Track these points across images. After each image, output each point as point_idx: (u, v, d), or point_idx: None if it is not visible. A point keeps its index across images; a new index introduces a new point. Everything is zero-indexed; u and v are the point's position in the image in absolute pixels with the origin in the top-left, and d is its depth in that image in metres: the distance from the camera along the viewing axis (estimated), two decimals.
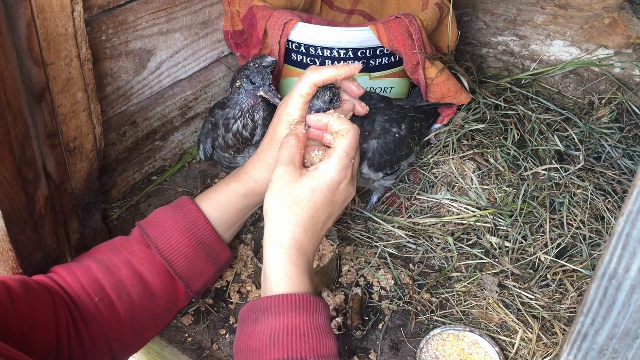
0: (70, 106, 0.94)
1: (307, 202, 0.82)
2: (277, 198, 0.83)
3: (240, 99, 1.06)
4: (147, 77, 1.18)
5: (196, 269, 0.95)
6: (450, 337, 0.97)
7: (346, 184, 0.85)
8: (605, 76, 1.40)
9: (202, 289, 0.99)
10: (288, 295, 0.77)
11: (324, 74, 0.88)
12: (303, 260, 0.81)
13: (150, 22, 1.13)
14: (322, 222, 0.84)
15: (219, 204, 0.99)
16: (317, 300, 0.79)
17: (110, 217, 1.19)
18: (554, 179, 1.19)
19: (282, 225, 0.82)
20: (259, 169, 0.98)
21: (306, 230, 0.82)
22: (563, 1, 1.38)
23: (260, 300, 0.78)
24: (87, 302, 0.86)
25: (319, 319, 0.78)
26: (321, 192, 0.83)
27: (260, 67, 1.04)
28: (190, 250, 0.94)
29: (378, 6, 1.46)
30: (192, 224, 0.95)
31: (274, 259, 0.80)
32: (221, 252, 0.99)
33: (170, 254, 0.93)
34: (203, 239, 0.96)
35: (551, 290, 1.04)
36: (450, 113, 1.30)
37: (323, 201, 0.83)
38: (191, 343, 0.98)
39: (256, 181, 0.98)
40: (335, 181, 0.84)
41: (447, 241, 1.12)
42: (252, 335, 0.77)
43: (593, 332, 0.50)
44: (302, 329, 0.75)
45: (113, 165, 1.18)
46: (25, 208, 0.88)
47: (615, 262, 0.46)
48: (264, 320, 0.77)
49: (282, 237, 0.81)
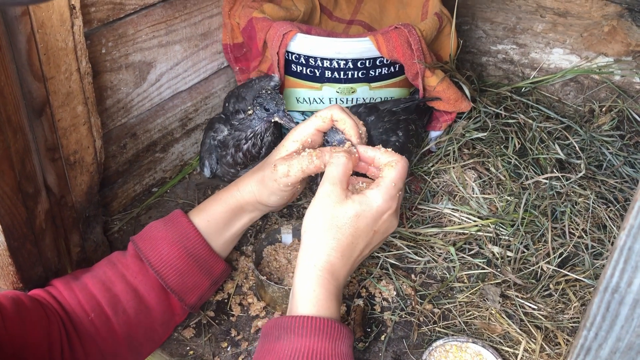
0: (71, 120, 0.94)
1: (349, 227, 0.81)
2: (319, 218, 0.82)
3: (253, 124, 1.07)
4: (147, 89, 1.18)
5: (189, 282, 0.94)
6: (453, 348, 0.96)
7: (390, 215, 0.84)
8: (605, 84, 1.40)
9: (197, 303, 0.98)
10: (313, 318, 0.76)
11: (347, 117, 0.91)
12: (334, 285, 0.80)
13: (150, 35, 1.13)
14: (360, 250, 0.83)
15: (208, 214, 0.97)
16: (342, 327, 0.78)
17: (111, 230, 1.19)
18: (555, 187, 1.19)
19: (319, 247, 0.81)
20: (248, 186, 0.97)
21: (343, 256, 0.81)
22: (562, 9, 1.38)
23: (284, 319, 0.78)
24: (84, 318, 0.85)
25: (342, 347, 0.77)
26: (365, 219, 0.82)
27: (273, 93, 1.04)
28: (182, 263, 0.93)
29: (377, 16, 1.46)
30: (183, 236, 0.94)
31: (305, 279, 0.80)
32: (214, 264, 0.97)
33: (162, 267, 0.92)
34: (194, 252, 0.94)
35: (554, 300, 1.04)
36: (448, 119, 1.30)
37: (365, 229, 0.82)
38: (193, 356, 0.98)
39: (243, 197, 0.97)
40: (380, 210, 0.83)
41: (449, 251, 1.12)
42: (273, 352, 0.76)
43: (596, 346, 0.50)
44: (324, 354, 0.74)
45: (113, 177, 1.18)
46: (26, 222, 0.88)
47: (618, 276, 0.46)
48: (286, 339, 0.76)
49: (317, 259, 0.80)
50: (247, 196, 0.97)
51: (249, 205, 0.98)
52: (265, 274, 1.05)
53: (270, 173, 0.93)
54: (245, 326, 1.02)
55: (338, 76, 1.18)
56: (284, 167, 0.91)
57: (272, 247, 1.11)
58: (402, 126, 1.14)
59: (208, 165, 1.14)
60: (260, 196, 0.96)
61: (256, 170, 0.98)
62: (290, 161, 0.91)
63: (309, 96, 1.22)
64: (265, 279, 1.00)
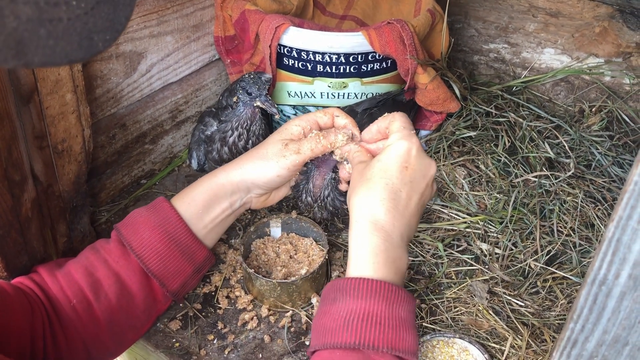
0: (59, 108, 0.93)
1: (379, 172, 0.82)
2: (354, 188, 0.84)
3: (237, 110, 1.06)
4: (137, 79, 1.17)
5: (171, 268, 0.93)
6: (440, 343, 0.96)
7: (418, 151, 0.84)
8: (595, 84, 1.40)
9: (180, 291, 0.96)
10: (367, 280, 0.75)
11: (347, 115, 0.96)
12: (386, 242, 0.78)
13: (142, 25, 1.12)
14: (404, 192, 0.82)
15: (189, 197, 0.96)
16: (399, 290, 0.76)
17: (99, 221, 1.17)
18: (544, 186, 1.19)
19: (359, 206, 0.81)
20: (241, 167, 0.96)
21: (382, 201, 0.80)
22: (554, 10, 1.39)
23: (340, 281, 0.77)
24: (66, 305, 0.84)
25: (400, 311, 0.75)
26: (390, 160, 0.83)
27: (256, 78, 1.04)
28: (163, 247, 0.92)
29: (370, 12, 1.46)
30: (164, 220, 0.93)
31: (354, 239, 0.80)
32: (197, 250, 0.96)
33: (143, 251, 0.91)
34: (176, 236, 0.93)
35: (541, 298, 1.04)
36: (438, 119, 1.30)
37: (395, 168, 0.82)
38: (179, 349, 0.97)
39: (229, 178, 0.96)
40: (403, 148, 0.83)
41: (437, 247, 1.12)
42: (328, 314, 0.76)
43: (583, 338, 0.50)
44: (379, 317, 0.73)
45: (102, 168, 1.17)
46: (12, 210, 0.87)
47: (606, 268, 0.46)
48: (341, 301, 0.75)
49: (360, 216, 0.80)
50: (230, 175, 0.96)
51: (230, 186, 0.96)
52: (254, 267, 1.05)
53: (279, 150, 0.94)
54: (232, 319, 1.02)
55: (330, 70, 1.18)
56: (294, 145, 0.94)
57: (260, 240, 1.10)
58: None
59: (195, 157, 1.14)
60: (253, 172, 0.95)
61: (256, 149, 0.98)
62: (299, 142, 0.94)
63: (300, 90, 1.22)
64: (253, 272, 1.00)
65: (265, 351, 0.97)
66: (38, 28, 0.38)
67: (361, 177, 0.84)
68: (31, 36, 0.38)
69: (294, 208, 1.19)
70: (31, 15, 0.38)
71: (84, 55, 0.41)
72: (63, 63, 0.40)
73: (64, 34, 0.39)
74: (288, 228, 1.12)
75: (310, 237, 1.11)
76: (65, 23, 0.39)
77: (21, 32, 0.38)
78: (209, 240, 0.99)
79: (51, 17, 0.38)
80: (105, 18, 0.41)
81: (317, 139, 0.93)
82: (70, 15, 0.39)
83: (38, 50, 0.39)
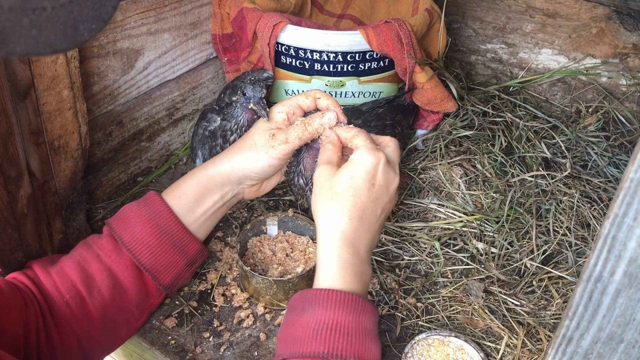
0: (56, 104, 0.93)
1: (347, 189, 0.83)
2: (319, 195, 0.85)
3: (236, 112, 1.06)
4: (134, 77, 1.17)
5: (163, 261, 0.93)
6: (436, 342, 0.96)
7: (384, 165, 0.86)
8: (592, 85, 1.41)
9: (173, 284, 0.96)
10: (338, 292, 0.76)
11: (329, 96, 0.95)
12: (352, 255, 0.81)
13: (139, 22, 1.12)
14: (370, 209, 0.84)
15: (179, 190, 0.96)
16: (365, 302, 0.78)
17: (95, 218, 1.17)
18: (540, 186, 1.19)
19: (327, 219, 0.82)
20: (230, 160, 0.96)
21: (353, 220, 0.82)
22: (552, 10, 1.39)
23: (309, 291, 0.79)
24: (59, 300, 0.84)
25: (366, 322, 0.77)
26: (359, 177, 0.84)
27: (254, 80, 1.04)
28: (155, 241, 0.92)
29: (368, 11, 1.46)
30: (155, 213, 0.93)
31: (322, 252, 0.81)
32: (189, 243, 0.96)
33: (134, 244, 0.91)
34: (167, 229, 0.93)
35: (537, 297, 1.04)
36: (435, 119, 1.31)
37: (363, 185, 0.83)
38: (174, 346, 0.97)
39: (218, 170, 0.96)
40: (369, 162, 0.85)
41: (433, 246, 1.12)
42: (297, 325, 0.77)
43: (578, 335, 0.50)
44: (347, 328, 0.75)
45: (98, 165, 1.17)
46: (7, 206, 0.87)
47: (601, 266, 0.46)
48: (310, 311, 0.76)
49: (328, 230, 0.81)
50: (220, 168, 0.96)
51: (220, 178, 0.96)
52: (250, 265, 1.05)
53: (266, 141, 0.94)
54: (228, 317, 1.02)
55: (327, 69, 1.18)
56: (282, 135, 0.94)
57: (257, 238, 1.10)
58: (389, 131, 1.14)
59: (201, 155, 1.13)
60: (243, 164, 0.95)
61: (244, 140, 0.97)
62: (286, 130, 0.94)
63: (297, 88, 1.22)
64: (249, 269, 1.00)
65: (261, 349, 0.97)
66: (21, 17, 0.37)
67: (329, 187, 0.85)
68: (13, 25, 0.37)
69: (290, 206, 1.19)
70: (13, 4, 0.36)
71: (69, 45, 0.40)
72: (47, 53, 0.39)
73: (47, 23, 0.38)
74: (284, 226, 1.12)
75: (307, 236, 1.11)
76: (49, 12, 0.38)
77: (3, 22, 0.36)
78: (201, 233, 0.99)
79: (34, 5, 0.37)
80: (90, 7, 0.40)
81: (303, 126, 0.93)
82: (54, 4, 0.38)
83: (20, 40, 0.37)
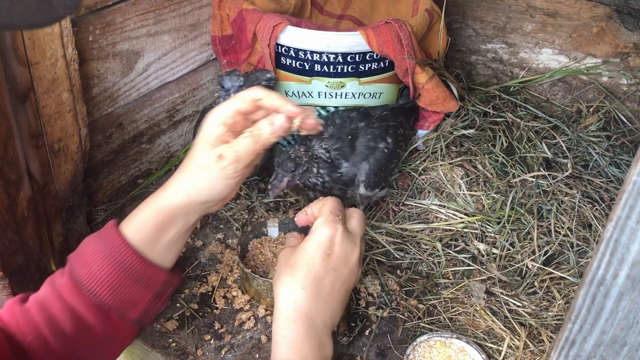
0: (56, 107, 0.93)
1: (301, 259, 0.82)
2: (277, 271, 0.85)
3: None
4: (134, 79, 1.17)
5: (125, 297, 0.87)
6: (437, 344, 0.96)
7: (341, 236, 0.84)
8: (593, 85, 1.40)
9: (144, 318, 0.91)
10: None
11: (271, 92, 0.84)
12: (308, 327, 0.79)
13: (139, 24, 1.12)
14: (327, 279, 0.82)
15: (136, 224, 0.88)
16: None
17: (95, 221, 1.17)
18: (541, 186, 1.19)
19: (282, 291, 0.81)
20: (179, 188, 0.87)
21: (305, 289, 0.80)
22: (552, 10, 1.39)
23: None
24: (22, 341, 0.81)
25: None
26: (312, 247, 0.83)
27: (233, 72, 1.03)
28: (114, 278, 0.86)
29: (368, 12, 1.46)
30: (113, 249, 0.87)
31: (275, 324, 0.80)
32: (153, 276, 0.89)
33: (93, 284, 0.85)
34: (127, 265, 0.87)
35: (538, 298, 1.04)
36: (436, 119, 1.30)
37: (318, 255, 0.82)
38: (175, 348, 0.97)
39: (173, 201, 0.87)
40: (325, 234, 0.83)
41: (435, 247, 1.12)
42: None
43: (581, 339, 0.50)
44: None
45: (98, 167, 1.17)
46: (7, 210, 0.86)
47: (604, 269, 0.46)
48: None
49: (283, 302, 0.81)
50: (177, 200, 0.87)
51: (180, 209, 0.88)
52: (251, 267, 1.04)
53: (215, 164, 0.83)
54: (229, 319, 1.02)
55: (327, 70, 1.17)
56: (230, 154, 0.83)
57: (257, 240, 1.10)
58: (392, 132, 1.14)
59: None
60: (199, 192, 0.86)
61: (188, 166, 0.87)
62: (234, 147, 0.83)
63: (298, 90, 1.21)
64: (250, 271, 0.99)
65: (262, 351, 0.96)
66: None
67: (286, 264, 0.84)
68: None
69: (291, 208, 1.19)
70: None
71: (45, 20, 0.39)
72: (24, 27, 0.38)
73: None
74: (285, 228, 1.12)
75: None
76: None
77: None
78: (168, 260, 0.92)
79: None
80: None
81: (253, 138, 0.83)
82: None
83: None
